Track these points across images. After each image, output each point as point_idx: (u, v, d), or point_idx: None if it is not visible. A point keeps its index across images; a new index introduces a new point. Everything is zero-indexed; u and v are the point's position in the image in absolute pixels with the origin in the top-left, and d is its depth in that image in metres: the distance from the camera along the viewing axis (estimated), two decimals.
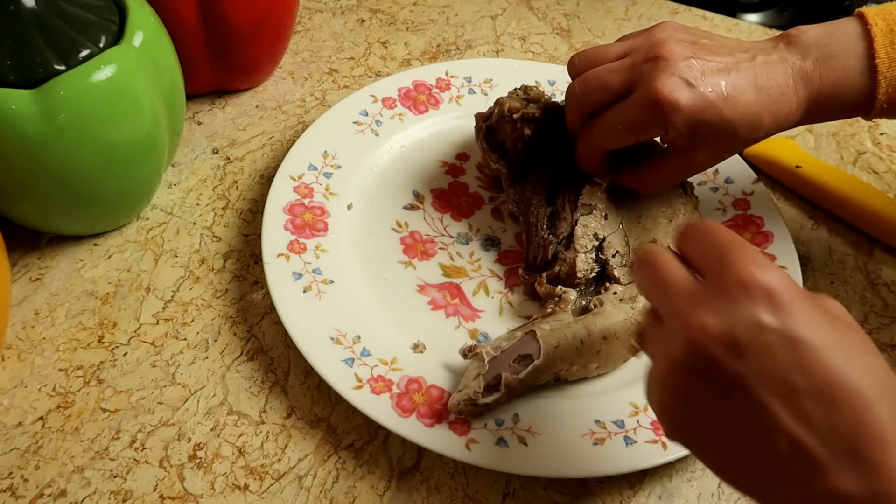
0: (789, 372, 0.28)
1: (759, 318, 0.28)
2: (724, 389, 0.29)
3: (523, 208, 0.53)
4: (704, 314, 0.29)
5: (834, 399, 0.28)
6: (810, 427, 0.28)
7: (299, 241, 0.52)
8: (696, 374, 0.30)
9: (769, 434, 0.28)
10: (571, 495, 0.44)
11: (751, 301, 0.29)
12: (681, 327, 0.30)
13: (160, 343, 0.49)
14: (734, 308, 0.29)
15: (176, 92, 0.51)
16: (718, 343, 0.29)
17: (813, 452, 0.28)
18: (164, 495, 0.43)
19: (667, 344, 0.31)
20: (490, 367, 0.44)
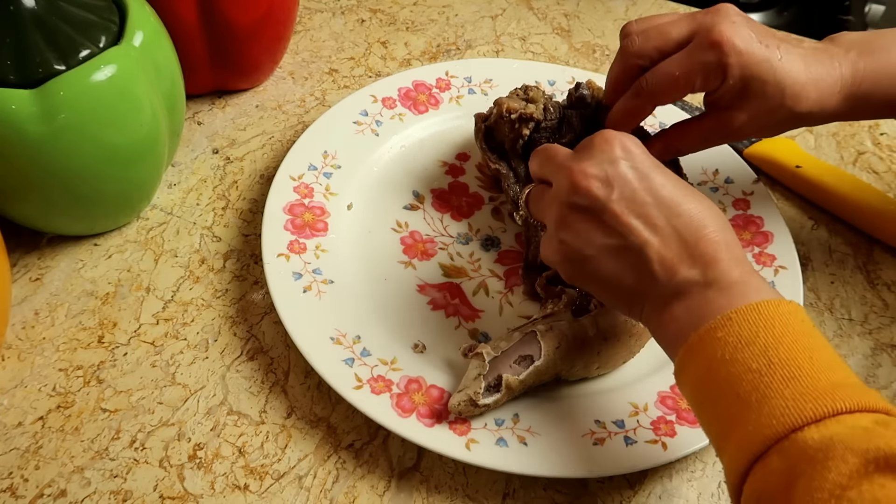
0: (641, 193, 0.38)
1: (619, 158, 0.39)
2: (598, 215, 0.38)
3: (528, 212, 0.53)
4: (583, 162, 0.39)
5: (677, 213, 0.38)
6: (661, 234, 0.37)
7: (299, 241, 0.52)
8: (579, 208, 0.39)
9: (633, 245, 0.38)
10: (571, 495, 0.44)
11: (611, 149, 0.39)
12: (566, 176, 0.39)
13: (160, 343, 0.49)
14: (601, 155, 0.39)
15: (176, 92, 0.51)
16: (594, 178, 0.39)
17: (664, 254, 0.37)
18: (164, 495, 0.43)
19: (555, 194, 0.40)
20: (491, 367, 0.44)
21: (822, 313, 0.54)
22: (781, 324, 0.34)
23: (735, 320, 0.34)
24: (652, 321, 0.39)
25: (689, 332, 0.36)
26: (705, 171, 0.59)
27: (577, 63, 0.71)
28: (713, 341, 0.35)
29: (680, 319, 0.37)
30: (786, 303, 0.35)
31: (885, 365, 0.51)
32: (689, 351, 0.36)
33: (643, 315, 0.39)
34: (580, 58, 0.71)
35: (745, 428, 0.32)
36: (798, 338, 0.34)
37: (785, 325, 0.34)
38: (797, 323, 0.35)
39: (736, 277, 0.36)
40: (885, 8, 0.87)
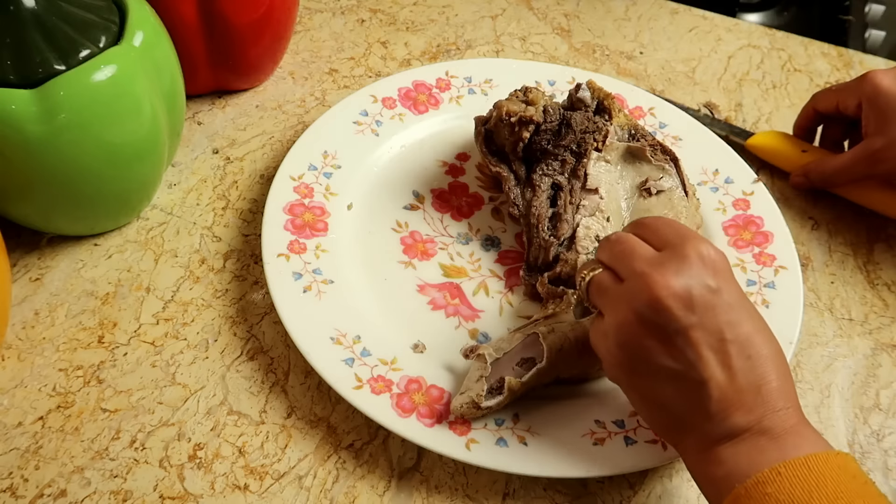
0: (724, 327, 0.36)
1: (709, 282, 0.37)
2: (670, 336, 0.36)
3: (524, 210, 0.53)
4: (668, 274, 0.37)
5: (749, 354, 0.36)
6: (729, 373, 0.36)
7: (299, 241, 0.52)
8: (651, 324, 0.36)
9: (697, 377, 0.36)
10: (571, 495, 0.44)
11: (703, 268, 0.37)
12: (646, 284, 0.37)
13: (160, 343, 0.49)
14: (690, 272, 0.37)
15: (176, 92, 0.51)
16: (677, 297, 0.36)
17: (727, 394, 0.36)
18: (164, 495, 0.43)
19: (628, 298, 0.37)
20: (493, 369, 0.44)
21: (822, 313, 0.54)
22: (834, 481, 0.33)
23: (786, 475, 0.34)
24: (692, 456, 0.38)
25: (734, 482, 0.35)
26: (705, 170, 0.59)
27: (577, 63, 0.71)
28: (762, 497, 0.33)
29: (727, 463, 0.36)
30: (836, 455, 0.35)
31: (885, 365, 0.51)
32: (736, 502, 0.34)
33: (681, 445, 0.38)
34: (580, 58, 0.71)
35: None
36: (854, 499, 0.33)
37: (838, 483, 0.33)
38: (850, 479, 0.34)
39: (790, 426, 0.36)
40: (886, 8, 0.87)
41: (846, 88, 0.57)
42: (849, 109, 0.57)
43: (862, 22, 0.86)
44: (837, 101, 0.57)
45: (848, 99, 0.56)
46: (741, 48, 0.74)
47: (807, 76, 0.71)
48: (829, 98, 0.58)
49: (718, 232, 0.56)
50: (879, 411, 0.49)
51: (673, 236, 0.39)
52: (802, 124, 0.61)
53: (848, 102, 0.56)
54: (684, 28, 0.76)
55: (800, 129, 0.62)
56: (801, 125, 0.61)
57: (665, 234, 0.39)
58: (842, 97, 0.57)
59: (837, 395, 0.50)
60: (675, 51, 0.73)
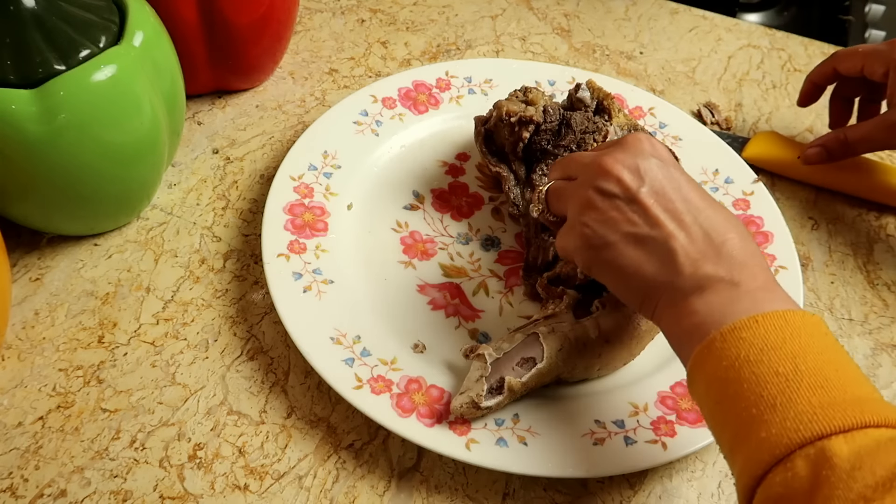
0: (672, 190, 0.39)
1: (650, 154, 0.40)
2: (626, 203, 0.39)
3: (523, 210, 0.53)
4: (615, 153, 0.40)
5: (705, 215, 0.39)
6: (688, 231, 0.38)
7: (299, 241, 0.52)
8: (607, 194, 0.40)
9: (659, 237, 0.38)
10: (571, 495, 0.44)
11: (642, 145, 0.41)
12: (596, 164, 0.40)
13: (160, 343, 0.49)
14: (633, 149, 0.41)
15: (176, 92, 0.51)
16: (625, 167, 0.40)
17: (689, 249, 0.38)
18: (164, 495, 0.43)
19: (582, 182, 0.41)
20: (493, 369, 0.44)
21: (822, 313, 0.54)
22: (808, 334, 0.34)
23: (762, 323, 0.34)
24: (666, 315, 0.39)
25: (710, 329, 0.36)
26: (705, 171, 0.59)
27: (577, 63, 0.71)
28: (738, 341, 0.34)
29: (699, 313, 0.37)
30: (811, 315, 0.36)
31: (885, 365, 0.51)
32: (709, 347, 0.35)
33: (657, 308, 0.39)
34: (580, 58, 0.71)
35: (769, 430, 0.32)
36: (824, 350, 0.34)
37: (811, 336, 0.34)
38: (822, 335, 0.35)
39: (761, 283, 0.37)
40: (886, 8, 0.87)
41: (874, 53, 0.55)
42: (875, 75, 0.55)
43: (862, 22, 0.86)
44: (863, 64, 0.56)
45: (875, 64, 0.55)
46: (741, 48, 0.74)
47: None
48: (854, 60, 0.56)
49: None
50: None
51: (614, 141, 0.43)
52: (817, 80, 0.60)
53: (875, 67, 0.55)
54: (684, 28, 0.76)
55: (812, 85, 0.61)
56: (815, 81, 0.60)
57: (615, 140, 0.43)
58: (868, 61, 0.55)
59: None
60: (675, 51, 0.73)
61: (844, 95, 0.60)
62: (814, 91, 0.61)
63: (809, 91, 0.61)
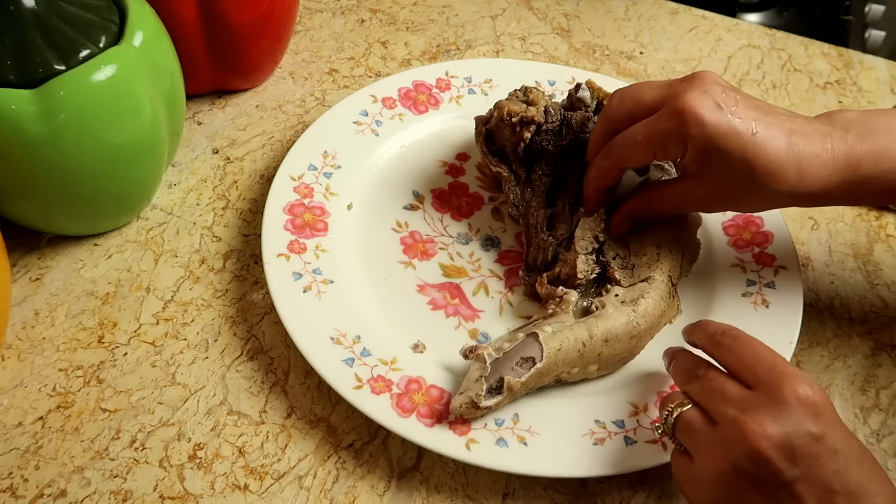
0: (830, 478, 0.33)
1: (811, 429, 0.34)
2: (773, 491, 0.34)
3: (523, 210, 0.53)
4: (765, 422, 0.34)
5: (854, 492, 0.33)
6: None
7: (299, 241, 0.52)
8: (751, 477, 0.34)
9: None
10: (571, 495, 0.44)
11: (803, 412, 0.34)
12: (742, 432, 0.34)
13: (160, 343, 0.49)
14: (790, 418, 0.34)
15: (176, 92, 0.51)
16: (777, 448, 0.33)
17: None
18: (164, 495, 0.43)
19: (724, 446, 0.35)
20: (492, 369, 0.44)
21: (822, 313, 0.54)
22: None
23: None
24: None
25: None
26: None
27: (577, 63, 0.71)
28: None
29: None
30: None
31: (885, 365, 0.51)
32: None
33: None
34: (580, 58, 0.71)
35: None
36: None
37: None
38: None
39: None
40: (885, 8, 0.87)
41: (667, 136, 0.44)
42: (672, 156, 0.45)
43: (862, 22, 0.86)
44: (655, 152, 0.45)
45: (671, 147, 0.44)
46: (741, 48, 0.74)
47: (807, 76, 0.71)
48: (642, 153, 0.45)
49: (718, 232, 0.56)
50: (879, 411, 0.49)
51: (764, 371, 0.36)
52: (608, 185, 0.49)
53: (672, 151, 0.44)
54: (684, 28, 0.76)
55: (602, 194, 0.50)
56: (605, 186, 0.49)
57: (754, 368, 0.37)
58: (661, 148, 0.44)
59: (837, 395, 0.50)
60: (675, 51, 0.73)
61: None
62: (600, 198, 0.50)
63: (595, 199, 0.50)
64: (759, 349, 0.38)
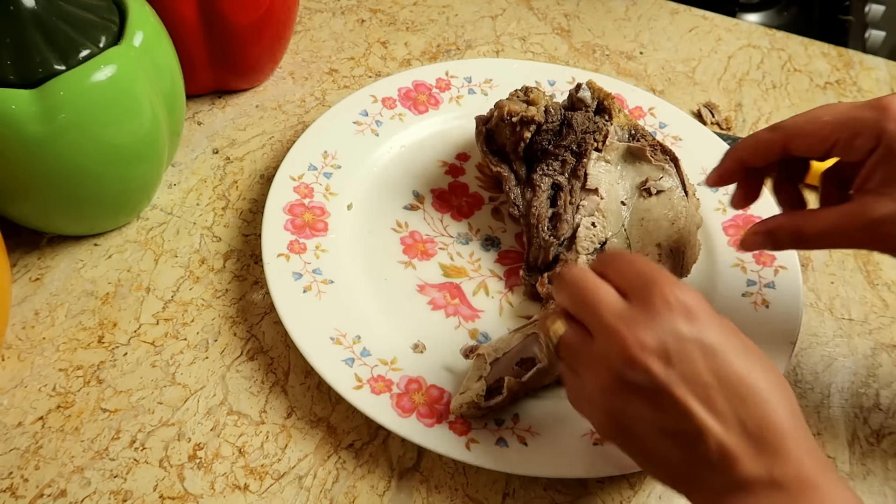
0: (705, 374, 0.34)
1: (683, 331, 0.34)
2: (653, 395, 0.34)
3: (524, 210, 0.53)
4: (639, 331, 0.34)
5: (742, 396, 0.33)
6: (724, 421, 0.33)
7: (299, 241, 0.52)
8: (633, 385, 0.34)
9: (691, 430, 0.33)
10: (571, 495, 0.44)
11: (673, 315, 0.34)
12: (619, 343, 0.34)
13: (160, 343, 0.49)
14: (662, 323, 0.34)
15: (176, 92, 0.51)
16: (653, 355, 0.34)
17: (725, 443, 0.33)
18: (164, 495, 0.43)
19: (602, 359, 0.35)
20: (492, 369, 0.44)
21: (822, 313, 0.54)
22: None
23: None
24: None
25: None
26: (705, 171, 0.59)
27: (577, 63, 0.71)
28: None
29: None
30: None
31: (885, 365, 0.51)
32: None
33: (690, 497, 0.35)
34: (580, 58, 0.71)
35: None
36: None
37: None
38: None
39: (805, 475, 0.33)
40: (886, 8, 0.87)
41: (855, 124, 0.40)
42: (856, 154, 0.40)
43: (862, 22, 0.86)
44: (837, 140, 0.41)
45: (859, 139, 0.40)
46: (741, 48, 0.74)
47: (807, 76, 0.71)
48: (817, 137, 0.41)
49: (718, 232, 0.56)
50: (879, 411, 0.49)
51: (636, 280, 0.36)
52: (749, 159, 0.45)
53: (858, 144, 0.40)
54: (684, 28, 0.76)
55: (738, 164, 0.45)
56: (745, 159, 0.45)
57: (629, 277, 0.36)
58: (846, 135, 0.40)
59: (837, 395, 0.50)
60: (675, 51, 0.73)
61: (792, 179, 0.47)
62: (737, 172, 0.46)
63: (731, 170, 0.46)
64: (635, 261, 0.37)
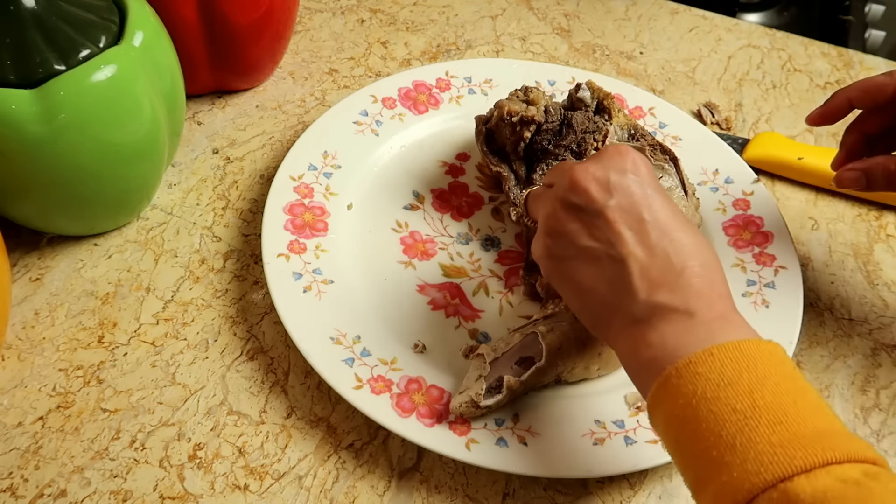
0: (642, 209, 0.37)
1: (627, 169, 0.38)
2: (590, 217, 0.38)
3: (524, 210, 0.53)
4: (589, 164, 0.39)
5: (671, 238, 0.37)
6: (650, 252, 0.36)
7: (299, 241, 0.52)
8: (572, 206, 0.38)
9: (618, 256, 0.37)
10: (571, 495, 0.44)
11: (621, 159, 0.39)
12: (568, 173, 0.39)
13: (160, 343, 0.49)
14: (609, 162, 0.39)
15: (176, 92, 0.51)
16: (595, 180, 0.38)
17: (647, 271, 0.36)
18: (164, 495, 0.43)
19: (554, 191, 0.40)
20: (492, 368, 0.44)
21: (822, 313, 0.54)
22: (764, 364, 0.33)
23: (717, 356, 0.33)
24: (620, 341, 0.37)
25: (665, 363, 0.34)
26: (705, 170, 0.59)
27: (577, 63, 0.71)
28: (693, 376, 0.33)
29: (654, 346, 0.35)
30: (767, 342, 0.34)
31: (885, 365, 0.51)
32: (665, 384, 0.34)
33: (611, 332, 0.38)
34: (580, 58, 0.71)
35: (730, 474, 0.30)
36: (781, 380, 0.33)
37: (768, 366, 0.33)
38: (779, 364, 0.33)
39: (717, 313, 0.35)
40: (886, 8, 0.87)
41: None
42: None
43: (862, 22, 0.86)
44: None
45: None
46: (741, 48, 0.74)
47: (807, 76, 0.71)
48: None
49: (718, 232, 0.56)
50: (879, 411, 0.49)
51: (598, 152, 0.40)
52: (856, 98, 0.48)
53: None
54: (684, 28, 0.76)
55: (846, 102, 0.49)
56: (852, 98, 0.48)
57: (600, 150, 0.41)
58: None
59: (837, 395, 0.50)
60: (675, 51, 0.73)
61: (866, 129, 0.50)
62: (841, 111, 0.49)
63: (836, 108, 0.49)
64: None
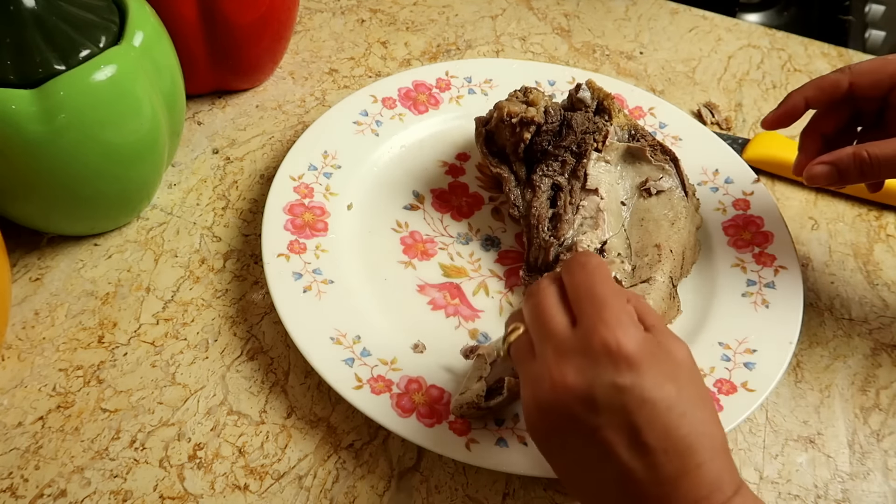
0: (641, 426, 0.32)
1: (616, 381, 0.33)
2: (585, 433, 0.33)
3: (524, 211, 0.53)
4: (568, 370, 0.33)
5: (668, 450, 0.32)
6: (648, 470, 0.33)
7: (299, 241, 0.52)
8: (559, 419, 0.34)
9: (614, 472, 0.33)
10: (571, 495, 0.44)
11: (610, 363, 0.33)
12: (547, 376, 0.34)
13: (160, 343, 0.49)
14: (595, 369, 0.33)
15: (176, 92, 0.51)
16: (577, 400, 0.33)
17: (647, 490, 0.33)
18: (164, 495, 0.43)
19: (535, 380, 0.35)
20: (492, 369, 0.44)
21: (821, 313, 0.54)
22: None
23: None
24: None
25: None
26: (705, 170, 0.59)
27: (577, 63, 0.71)
28: None
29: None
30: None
31: (885, 365, 0.51)
32: None
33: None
34: (580, 58, 0.71)
35: None
36: None
37: None
38: None
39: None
40: (886, 8, 0.87)
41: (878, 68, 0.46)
42: None
43: (862, 22, 0.86)
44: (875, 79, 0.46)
45: None
46: (741, 48, 0.74)
47: (807, 76, 0.71)
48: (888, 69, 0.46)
49: (718, 232, 0.56)
50: (879, 411, 0.49)
51: (589, 310, 0.34)
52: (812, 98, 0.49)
53: None
54: (684, 28, 0.76)
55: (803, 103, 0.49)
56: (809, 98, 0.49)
57: (582, 298, 0.35)
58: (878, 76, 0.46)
59: (837, 395, 0.50)
60: (675, 51, 0.73)
61: (823, 130, 0.50)
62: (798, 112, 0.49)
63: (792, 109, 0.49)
64: (594, 281, 0.35)
